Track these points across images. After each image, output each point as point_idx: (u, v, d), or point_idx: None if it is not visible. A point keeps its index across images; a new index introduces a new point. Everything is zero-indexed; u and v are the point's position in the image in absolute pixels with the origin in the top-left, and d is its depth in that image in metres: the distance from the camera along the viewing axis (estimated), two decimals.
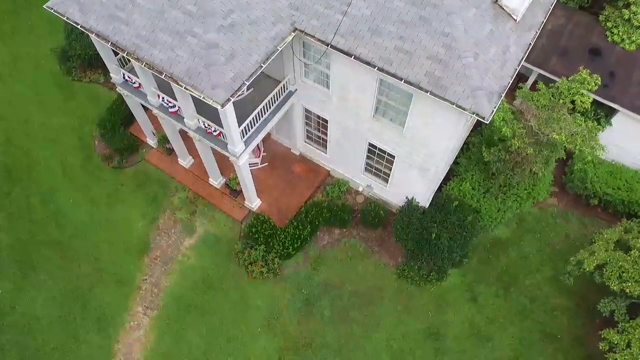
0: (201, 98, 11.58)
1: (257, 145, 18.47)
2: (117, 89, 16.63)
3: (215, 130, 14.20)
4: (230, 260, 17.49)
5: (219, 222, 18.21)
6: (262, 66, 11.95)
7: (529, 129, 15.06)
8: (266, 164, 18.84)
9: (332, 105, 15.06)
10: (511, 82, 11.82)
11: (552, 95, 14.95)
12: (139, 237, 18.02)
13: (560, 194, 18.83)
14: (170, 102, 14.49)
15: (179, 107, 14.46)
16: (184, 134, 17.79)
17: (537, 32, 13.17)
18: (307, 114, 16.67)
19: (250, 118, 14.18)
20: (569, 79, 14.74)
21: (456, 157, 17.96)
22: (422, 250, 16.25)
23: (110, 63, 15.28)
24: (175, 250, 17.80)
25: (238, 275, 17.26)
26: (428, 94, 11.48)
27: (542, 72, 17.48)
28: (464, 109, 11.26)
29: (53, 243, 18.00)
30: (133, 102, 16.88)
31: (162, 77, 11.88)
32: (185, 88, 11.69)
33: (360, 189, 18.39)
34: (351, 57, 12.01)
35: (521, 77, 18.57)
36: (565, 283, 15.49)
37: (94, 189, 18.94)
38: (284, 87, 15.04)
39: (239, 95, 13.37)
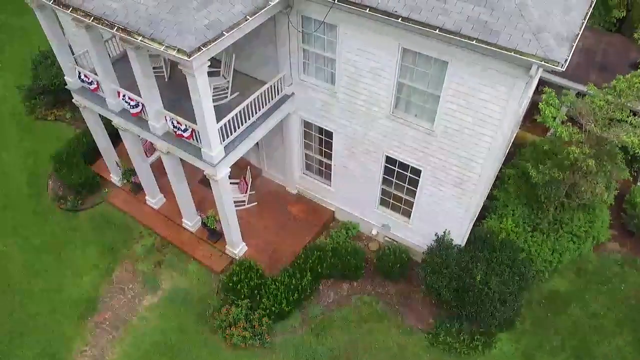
0: (161, 50, 8.44)
1: (244, 178, 15.01)
2: (76, 104, 13.63)
3: (185, 130, 10.88)
4: (203, 323, 13.00)
5: (192, 275, 14.02)
6: (247, 19, 9.03)
7: (588, 136, 11.99)
8: (255, 202, 15.19)
9: (338, 107, 11.95)
10: (580, 33, 8.84)
11: (609, 94, 12.18)
12: (85, 294, 13.67)
13: (620, 237, 15.11)
14: (132, 99, 11.38)
15: (142, 105, 11.32)
16: (154, 168, 14.49)
17: None
18: (307, 130, 13.50)
19: (233, 113, 10.94)
20: (626, 76, 12.14)
21: (489, 192, 14.53)
22: (462, 301, 12.03)
23: (66, 62, 12.51)
24: (130, 311, 13.35)
25: (212, 342, 12.66)
26: (474, 42, 8.39)
27: (582, 88, 14.96)
28: (526, 56, 8.11)
29: None
30: (92, 119, 13.80)
31: (114, 31, 8.86)
32: (141, 41, 8.62)
33: (373, 232, 14.55)
34: (366, 9, 9.16)
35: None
36: None
37: (36, 233, 14.96)
38: (277, 86, 12.07)
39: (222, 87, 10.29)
